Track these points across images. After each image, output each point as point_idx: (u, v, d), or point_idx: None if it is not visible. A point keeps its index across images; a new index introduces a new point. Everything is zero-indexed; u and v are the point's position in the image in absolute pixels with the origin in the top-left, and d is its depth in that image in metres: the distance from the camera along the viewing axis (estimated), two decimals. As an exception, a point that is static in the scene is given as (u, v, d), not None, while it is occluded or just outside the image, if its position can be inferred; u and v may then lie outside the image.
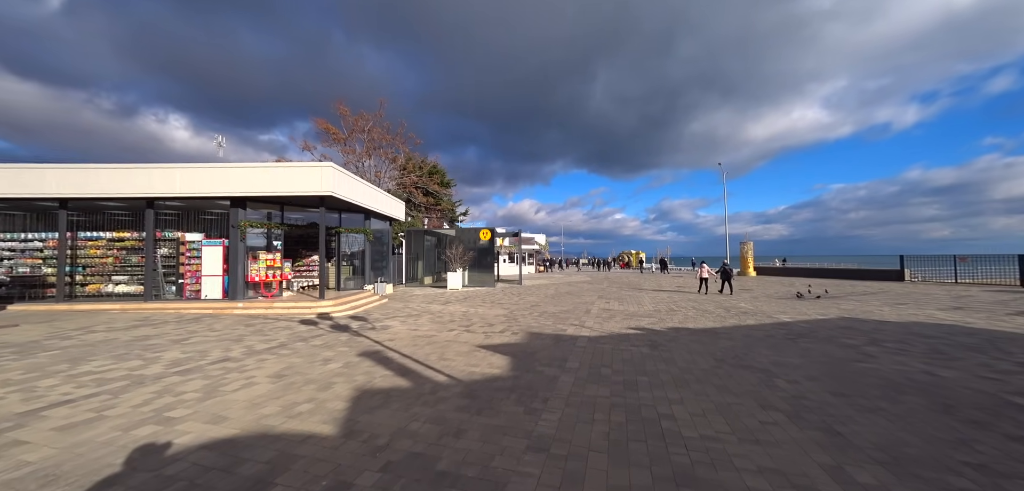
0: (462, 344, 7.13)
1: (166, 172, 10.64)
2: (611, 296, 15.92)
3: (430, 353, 6.44)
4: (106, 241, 12.06)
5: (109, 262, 12.01)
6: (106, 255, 12.03)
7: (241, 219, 11.05)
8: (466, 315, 10.63)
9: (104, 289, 11.92)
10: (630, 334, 8.11)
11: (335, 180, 10.75)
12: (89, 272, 12.02)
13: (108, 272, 12.03)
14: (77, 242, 11.96)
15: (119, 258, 12.03)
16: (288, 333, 7.92)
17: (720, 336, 7.92)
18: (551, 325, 9.14)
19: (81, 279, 11.96)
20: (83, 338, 7.21)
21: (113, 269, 12.02)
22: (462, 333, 8.16)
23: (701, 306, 12.70)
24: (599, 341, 7.42)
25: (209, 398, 4.31)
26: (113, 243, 12.09)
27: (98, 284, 12.00)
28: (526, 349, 6.77)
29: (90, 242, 12.02)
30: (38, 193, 10.72)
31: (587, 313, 11.12)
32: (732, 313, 11.07)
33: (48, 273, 11.95)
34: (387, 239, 17.33)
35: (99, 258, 12.03)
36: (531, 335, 8.01)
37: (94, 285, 11.99)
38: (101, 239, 12.04)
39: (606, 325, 9.15)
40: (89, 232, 12.09)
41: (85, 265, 11.99)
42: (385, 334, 7.97)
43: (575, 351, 6.62)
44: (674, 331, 8.44)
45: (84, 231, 12.10)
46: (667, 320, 9.87)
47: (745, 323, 9.47)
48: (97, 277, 12.03)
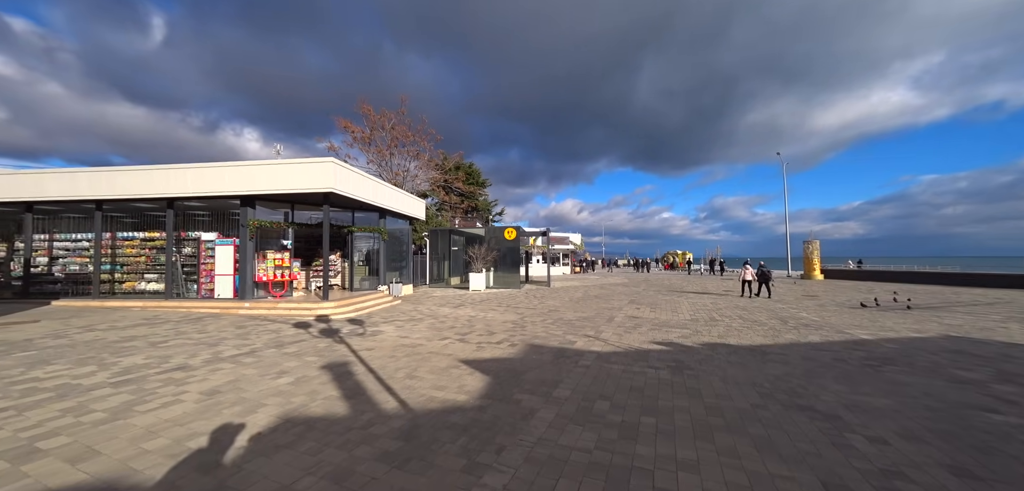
0: (445, 357, 6.16)
1: (178, 172, 10.82)
2: (644, 301, 14.21)
3: (401, 368, 5.53)
4: (139, 241, 12.64)
5: (141, 261, 12.58)
6: (139, 254, 12.62)
7: (250, 218, 10.97)
8: (471, 321, 9.69)
9: (138, 286, 12.49)
10: (652, 350, 6.67)
11: (336, 176, 10.30)
12: (126, 270, 12.67)
13: (141, 270, 12.59)
14: (115, 242, 12.65)
15: (149, 257, 12.56)
16: (271, 337, 7.44)
17: (769, 357, 6.23)
18: (560, 335, 7.90)
19: (119, 277, 12.63)
20: (75, 337, 7.20)
21: (145, 267, 12.57)
22: (453, 343, 7.20)
23: (750, 315, 10.70)
24: (609, 359, 6.10)
25: (109, 422, 3.69)
26: (145, 242, 12.65)
27: (133, 281, 12.60)
28: (515, 367, 5.65)
29: (126, 242, 12.67)
30: (74, 195, 11.39)
31: (609, 321, 9.70)
32: (789, 325, 9.09)
33: (92, 271, 12.76)
34: (406, 238, 16.91)
35: (133, 257, 12.65)
36: (531, 348, 6.85)
37: (130, 282, 12.61)
38: (135, 239, 12.65)
39: (626, 337, 7.74)
40: (126, 232, 12.76)
41: (122, 263, 12.66)
42: (368, 342, 7.23)
43: (574, 373, 5.38)
44: (709, 348, 6.84)
45: (122, 231, 12.79)
46: (703, 332, 8.21)
47: (806, 339, 7.58)
48: (132, 275, 12.65)
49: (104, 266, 12.47)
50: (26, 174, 11.90)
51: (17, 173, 11.92)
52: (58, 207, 12.43)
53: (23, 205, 12.05)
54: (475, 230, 23.50)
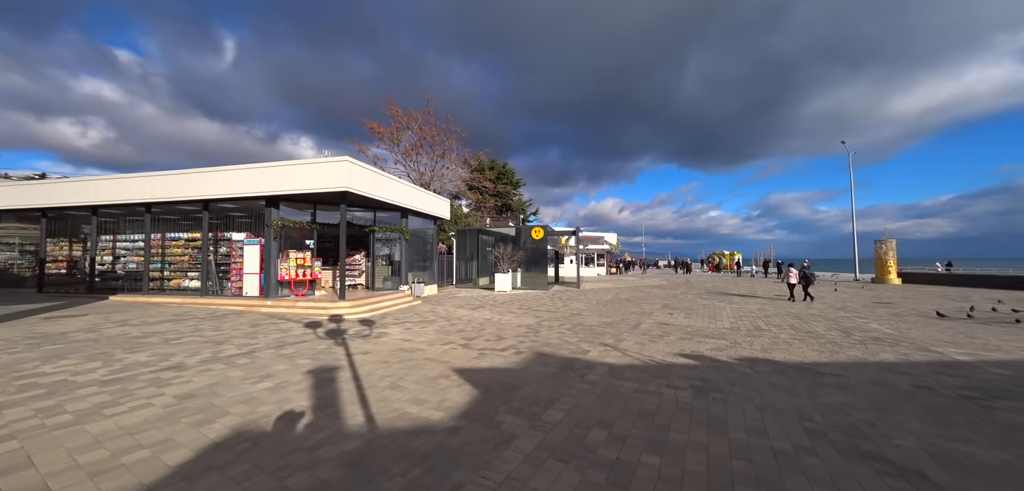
0: (440, 365, 5.68)
1: (209, 175, 11.37)
2: (680, 305, 12.94)
3: (387, 377, 5.12)
4: (183, 241, 13.50)
5: (185, 259, 13.42)
6: (184, 253, 13.47)
7: (274, 218, 11.26)
8: (484, 324, 9.18)
9: (183, 284, 13.35)
10: (676, 365, 5.75)
11: (351, 175, 10.26)
12: (173, 268, 13.59)
13: (185, 268, 13.44)
14: (165, 242, 13.61)
15: (192, 256, 13.37)
16: (276, 337, 7.40)
17: (825, 380, 5.10)
18: (574, 343, 7.15)
19: (168, 274, 13.57)
20: (105, 331, 7.59)
21: (188, 266, 13.39)
22: (456, 348, 6.72)
23: (803, 324, 9.22)
24: (622, 374, 5.29)
25: (68, 427, 3.57)
26: (189, 243, 13.49)
27: (179, 279, 13.48)
28: (512, 379, 5.03)
29: (173, 242, 13.58)
30: (127, 198, 12.35)
31: (635, 328, 8.77)
32: (854, 338, 7.63)
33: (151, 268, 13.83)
34: (430, 238, 16.81)
35: (179, 255, 13.53)
36: (537, 357, 6.20)
37: (176, 280, 13.49)
38: (180, 239, 13.52)
39: (649, 347, 6.83)
40: (173, 233, 13.69)
41: (170, 262, 13.59)
42: (368, 345, 6.94)
43: (576, 390, 4.67)
44: (747, 364, 5.78)
45: (171, 232, 13.74)
46: (743, 344, 7.07)
47: (876, 357, 6.24)
48: (178, 273, 13.54)
49: (155, 264, 13.46)
50: (89, 180, 13.13)
51: (82, 180, 13.20)
52: (117, 210, 13.59)
53: (89, 209, 13.31)
54: (505, 230, 23.03)
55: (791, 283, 14.36)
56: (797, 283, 14.12)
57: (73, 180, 13.30)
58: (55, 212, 13.97)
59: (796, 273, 14.17)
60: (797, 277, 14.08)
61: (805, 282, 13.80)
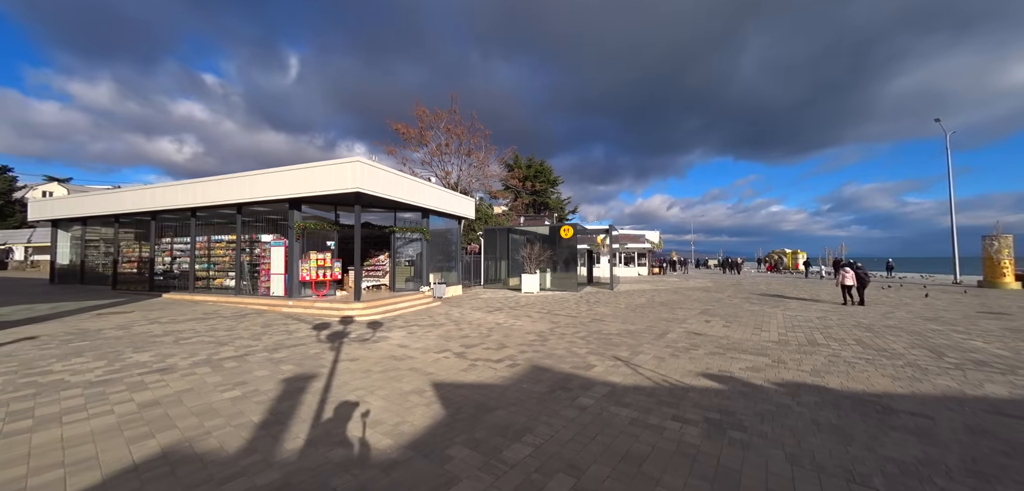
0: (422, 377, 5.21)
1: (236, 180, 12.06)
2: (721, 311, 11.46)
3: (360, 389, 4.75)
4: (225, 243, 14.43)
5: (226, 260, 14.34)
6: (225, 254, 14.40)
7: (296, 220, 11.57)
8: (492, 329, 8.63)
9: (224, 283, 14.28)
10: (694, 388, 4.78)
11: (362, 175, 10.20)
12: (217, 268, 14.60)
13: (226, 269, 14.37)
14: (210, 244, 14.65)
15: (231, 257, 14.24)
16: (277, 339, 7.40)
17: (897, 420, 3.90)
18: (581, 355, 6.36)
19: (213, 274, 14.61)
20: (135, 329, 8.08)
21: (228, 266, 14.30)
22: (449, 358, 6.24)
23: (876, 338, 7.56)
24: (622, 399, 4.46)
25: (18, 435, 3.54)
26: (229, 245, 14.39)
27: (222, 278, 14.45)
28: (488, 400, 4.42)
29: (217, 244, 14.58)
30: (175, 204, 13.43)
31: (659, 338, 7.73)
32: (947, 361, 6.02)
33: (197, 269, 15.01)
34: (455, 238, 16.59)
35: (222, 257, 14.49)
36: (532, 371, 5.52)
37: (219, 279, 14.47)
38: (222, 241, 14.48)
39: (668, 364, 5.86)
40: (218, 236, 14.70)
41: (214, 263, 14.61)
42: (362, 350, 6.67)
43: (559, 417, 3.95)
44: (788, 392, 4.65)
45: (217, 235, 14.78)
46: (790, 363, 5.82)
47: (978, 390, 4.78)
48: (221, 273, 14.51)
49: (203, 265, 14.54)
50: (147, 189, 14.51)
51: (144, 188, 14.61)
52: (172, 215, 14.86)
53: (150, 214, 14.69)
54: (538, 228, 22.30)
55: (846, 285, 12.85)
56: (852, 285, 12.74)
57: (137, 189, 14.79)
58: (127, 217, 15.63)
59: (851, 274, 12.75)
60: (852, 278, 12.68)
61: (860, 283, 12.53)
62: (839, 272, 13.59)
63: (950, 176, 24.92)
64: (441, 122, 19.06)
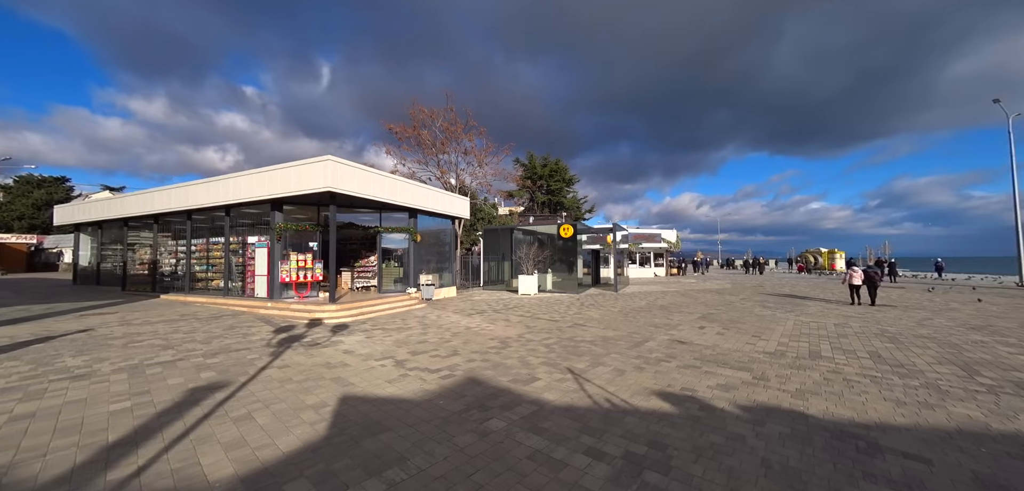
0: (339, 388, 4.72)
1: (218, 184, 12.23)
2: (722, 316, 10.35)
3: (262, 401, 4.31)
4: (221, 245, 14.67)
5: (223, 263, 14.56)
6: (220, 256, 14.63)
7: (277, 222, 11.48)
8: (456, 334, 8.06)
9: (219, 284, 14.50)
10: (637, 412, 4.00)
11: (335, 174, 9.91)
12: (214, 269, 14.86)
13: (222, 270, 14.59)
14: (209, 245, 14.94)
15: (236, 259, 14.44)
16: (230, 343, 7.15)
17: (879, 464, 3.00)
18: (533, 366, 5.67)
19: (210, 275, 14.88)
20: (99, 331, 8.08)
21: (239, 268, 14.50)
22: (386, 366, 5.73)
23: (898, 350, 6.37)
24: (541, 423, 3.76)
25: None
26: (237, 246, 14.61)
27: (218, 280, 14.69)
28: (386, 419, 3.84)
29: (215, 246, 14.85)
30: (172, 207, 13.77)
31: (634, 348, 6.90)
32: (979, 382, 4.88)
33: (197, 270, 15.37)
34: (448, 238, 16.15)
35: (219, 258, 14.73)
36: (463, 384, 4.90)
37: (216, 280, 14.73)
38: (219, 243, 14.73)
39: (625, 379, 5.07)
40: (217, 238, 14.97)
41: (212, 264, 14.88)
42: (301, 356, 6.28)
43: (447, 447, 3.32)
44: (753, 418, 3.79)
45: (216, 237, 15.06)
46: (774, 380, 4.88)
47: (1011, 424, 3.73)
48: (218, 274, 14.76)
49: (203, 266, 14.85)
50: (148, 193, 14.96)
51: (146, 192, 15.09)
52: (172, 218, 15.29)
53: (152, 218, 15.18)
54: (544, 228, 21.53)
55: (854, 284, 12.52)
56: (860, 284, 12.48)
57: (140, 194, 15.32)
58: (135, 221, 16.26)
59: (859, 273, 12.57)
60: (860, 277, 12.50)
61: (870, 283, 12.25)
62: (848, 271, 12.99)
63: (1013, 164, 22.01)
64: (437, 120, 18.75)
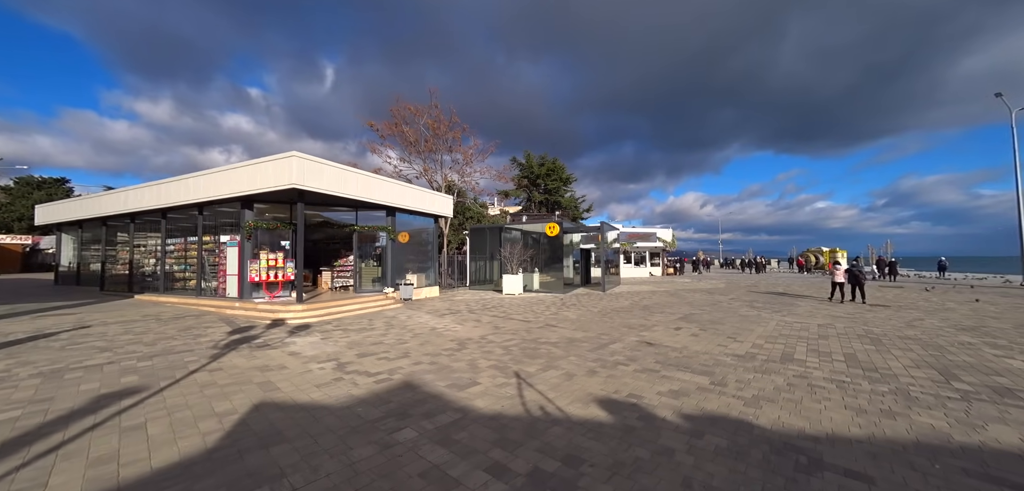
0: (259, 394, 4.41)
1: (189, 181, 11.96)
2: (703, 317, 9.96)
3: (165, 411, 4.00)
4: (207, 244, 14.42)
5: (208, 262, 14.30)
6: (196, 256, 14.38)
7: (247, 219, 11.21)
8: (418, 335, 7.73)
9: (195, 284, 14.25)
10: (566, 421, 3.66)
11: (301, 171, 9.63)
12: (191, 269, 14.61)
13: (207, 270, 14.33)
14: (187, 245, 14.69)
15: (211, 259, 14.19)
16: (175, 344, 6.86)
17: (811, 485, 2.62)
18: (482, 369, 5.34)
19: (188, 275, 14.63)
20: (46, 332, 7.83)
21: (211, 267, 14.25)
22: (326, 369, 5.42)
23: (877, 353, 5.98)
24: (457, 433, 3.43)
25: None
26: (210, 246, 14.36)
27: (194, 279, 14.44)
28: (289, 429, 3.52)
29: (193, 245, 14.61)
30: (143, 206, 13.54)
31: (597, 349, 6.54)
32: (955, 387, 4.50)
33: (176, 270, 15.13)
34: (430, 237, 15.84)
35: (195, 258, 14.49)
36: (396, 389, 4.57)
37: (193, 280, 14.48)
38: (196, 242, 14.48)
39: (572, 384, 4.72)
40: (194, 237, 14.73)
41: (190, 264, 14.63)
42: (242, 359, 5.97)
43: (338, 461, 3.00)
44: (697, 428, 3.43)
45: (193, 236, 14.81)
46: (733, 386, 4.51)
47: (977, 436, 3.36)
48: (194, 274, 14.51)
49: (181, 266, 14.60)
50: (122, 191, 14.76)
51: (120, 191, 14.88)
52: (151, 216, 15.06)
53: (128, 216, 14.96)
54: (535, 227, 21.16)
55: (837, 282, 12.82)
56: (843, 282, 12.79)
57: (116, 192, 15.12)
58: (114, 220, 16.06)
59: (842, 270, 12.90)
60: (843, 274, 12.80)
61: (855, 282, 12.48)
62: (831, 269, 13.34)
63: (1016, 159, 21.43)
64: (422, 117, 18.44)
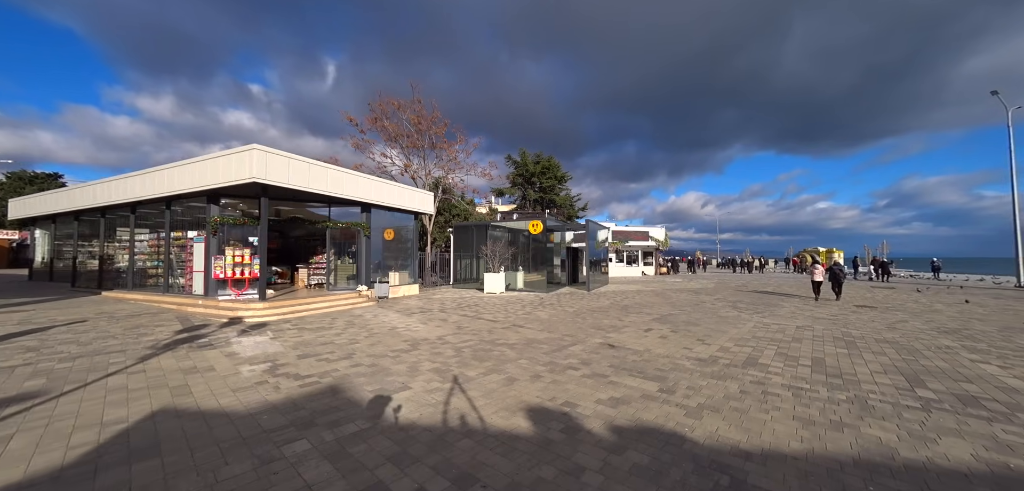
0: (158, 400, 4.07)
1: (154, 175, 11.57)
2: (680, 318, 9.62)
3: (36, 423, 3.65)
4: (171, 239, 14.08)
5: (170, 258, 13.96)
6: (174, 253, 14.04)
7: (213, 214, 10.87)
8: (375, 335, 7.40)
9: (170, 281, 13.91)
10: (483, 432, 3.32)
11: (262, 165, 9.29)
12: (163, 265, 14.27)
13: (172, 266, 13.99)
14: (160, 240, 14.34)
15: (174, 254, 13.85)
16: (111, 344, 6.53)
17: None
18: (422, 372, 5.01)
19: (160, 271, 14.29)
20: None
21: (173, 264, 13.91)
22: (257, 371, 5.08)
23: (847, 358, 5.65)
24: (355, 445, 3.09)
25: None
26: (174, 241, 14.02)
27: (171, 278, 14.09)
28: (165, 441, 3.18)
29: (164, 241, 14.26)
30: (110, 200, 13.20)
31: (555, 352, 6.20)
32: (923, 393, 4.15)
33: (150, 266, 14.78)
34: (409, 235, 15.49)
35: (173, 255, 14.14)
36: (321, 393, 4.23)
37: (172, 278, 14.14)
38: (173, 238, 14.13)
39: (511, 389, 4.39)
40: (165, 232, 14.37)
41: (162, 260, 14.29)
42: (172, 361, 5.64)
43: (197, 480, 2.64)
44: (623, 441, 3.09)
45: (173, 231, 14.45)
46: (681, 393, 4.18)
47: (926, 452, 3.01)
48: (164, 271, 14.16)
49: (154, 262, 14.25)
50: (90, 185, 14.40)
51: (88, 185, 14.51)
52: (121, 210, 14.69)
53: (99, 211, 14.60)
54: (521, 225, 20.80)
55: (816, 281, 13.31)
56: (822, 280, 13.32)
57: (84, 185, 14.77)
58: (86, 215, 15.70)
59: (821, 270, 13.39)
60: (822, 274, 13.31)
61: (834, 280, 13.12)
62: (809, 268, 14.23)
63: (1012, 158, 21.08)
64: (404, 112, 18.05)
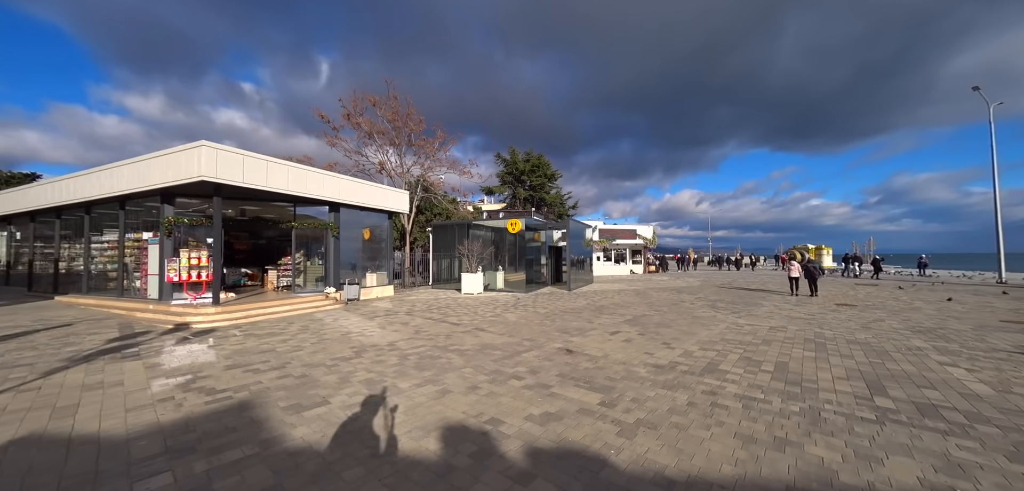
0: (28, 427, 3.61)
1: (108, 173, 10.97)
2: (651, 319, 9.31)
3: None
4: (131, 241, 13.46)
5: (131, 261, 13.36)
6: (130, 255, 13.43)
7: (167, 214, 10.35)
8: (325, 339, 6.96)
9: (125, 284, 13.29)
10: (380, 458, 2.93)
11: (212, 162, 8.80)
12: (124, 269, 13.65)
13: (130, 269, 13.39)
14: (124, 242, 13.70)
15: (136, 257, 13.25)
16: (27, 355, 6.04)
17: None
18: (353, 385, 4.61)
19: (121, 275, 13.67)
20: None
21: (133, 267, 13.31)
22: (169, 386, 4.63)
23: (813, 360, 5.34)
24: (226, 477, 2.67)
25: None
26: (135, 243, 13.42)
27: (127, 281, 13.49)
28: (28, 472, 2.74)
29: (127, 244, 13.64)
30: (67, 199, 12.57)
31: (507, 358, 5.83)
32: (882, 401, 3.82)
33: (110, 269, 14.15)
34: (383, 235, 15.02)
35: (127, 257, 13.53)
36: (228, 412, 3.82)
37: (127, 281, 13.53)
38: (129, 240, 13.52)
39: (438, 404, 4.00)
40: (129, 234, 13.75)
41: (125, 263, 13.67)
42: (79, 375, 5.17)
43: None
44: (533, 468, 2.70)
45: (130, 233, 13.83)
46: (623, 406, 3.82)
47: (871, 475, 2.65)
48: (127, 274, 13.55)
49: (114, 265, 13.62)
50: (45, 184, 13.74)
51: (46, 183, 13.85)
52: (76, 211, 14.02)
53: (53, 211, 13.94)
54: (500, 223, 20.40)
55: (793, 277, 13.77)
56: (798, 277, 13.77)
57: (39, 184, 14.13)
58: (43, 215, 15.01)
59: (797, 267, 13.86)
60: (798, 270, 13.75)
61: (810, 277, 13.38)
62: (786, 264, 14.42)
63: (994, 154, 21.15)
64: (380, 109, 17.53)
